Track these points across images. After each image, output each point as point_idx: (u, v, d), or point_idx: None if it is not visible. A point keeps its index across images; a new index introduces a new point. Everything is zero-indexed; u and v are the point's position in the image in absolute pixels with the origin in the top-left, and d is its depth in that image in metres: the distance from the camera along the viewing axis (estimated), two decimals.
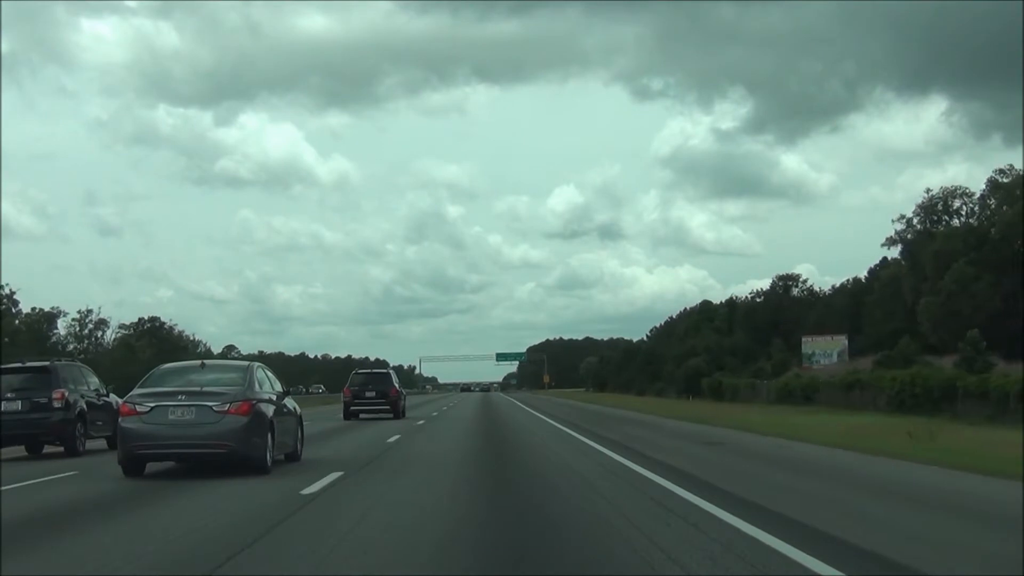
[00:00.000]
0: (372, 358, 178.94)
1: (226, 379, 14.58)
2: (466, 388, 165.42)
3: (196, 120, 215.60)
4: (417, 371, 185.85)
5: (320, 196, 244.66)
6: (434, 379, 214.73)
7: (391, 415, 35.44)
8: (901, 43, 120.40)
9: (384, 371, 41.59)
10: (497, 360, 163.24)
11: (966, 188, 59.12)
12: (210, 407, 13.65)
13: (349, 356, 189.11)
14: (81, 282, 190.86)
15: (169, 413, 13.68)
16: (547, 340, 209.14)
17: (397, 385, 37.60)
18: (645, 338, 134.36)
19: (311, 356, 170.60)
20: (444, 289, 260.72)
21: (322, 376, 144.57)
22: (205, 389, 14.02)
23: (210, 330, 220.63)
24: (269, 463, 14.01)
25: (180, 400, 13.77)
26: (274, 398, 15.08)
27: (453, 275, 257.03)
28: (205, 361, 15.71)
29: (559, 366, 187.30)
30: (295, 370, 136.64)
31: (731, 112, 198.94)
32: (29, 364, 20.28)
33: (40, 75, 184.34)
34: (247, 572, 6.81)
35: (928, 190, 60.83)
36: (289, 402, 16.10)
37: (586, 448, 18.58)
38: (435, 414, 40.34)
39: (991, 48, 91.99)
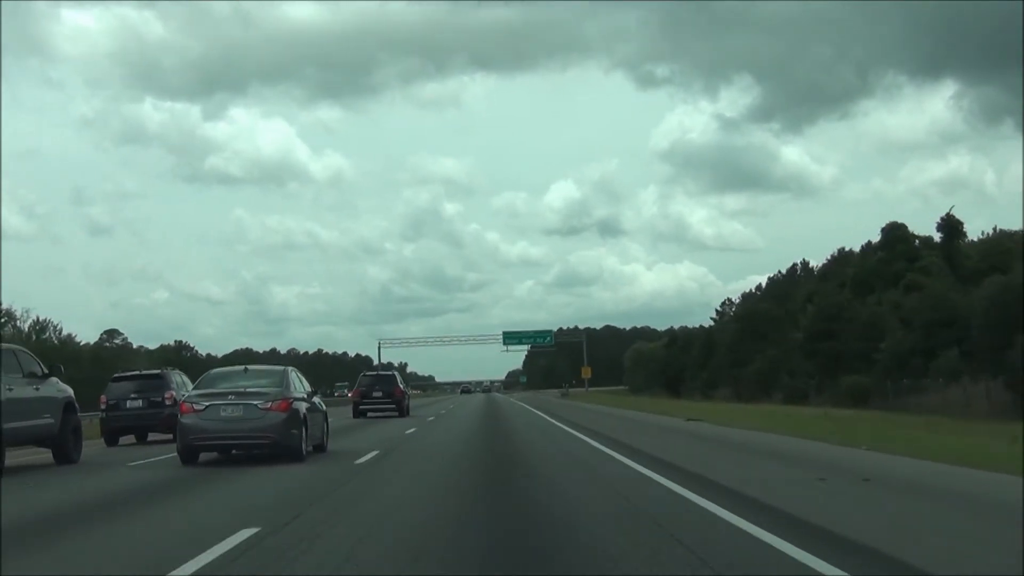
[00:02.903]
0: (353, 354, 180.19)
1: (266, 382, 17.89)
2: (466, 390, 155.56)
3: (184, 115, 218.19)
4: (408, 367, 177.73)
5: (315, 194, 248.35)
6: (431, 378, 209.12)
7: (396, 413, 38.66)
8: (914, 25, 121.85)
9: (390, 373, 45.66)
10: (504, 343, 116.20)
11: None
12: (255, 405, 16.94)
13: (320, 350, 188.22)
14: (76, 284, 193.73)
15: (221, 411, 16.97)
16: (560, 329, 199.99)
17: (402, 386, 41.26)
18: (714, 314, 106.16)
19: (281, 352, 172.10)
20: (443, 288, 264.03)
21: None
22: (249, 390, 17.32)
23: (207, 332, 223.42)
24: (304, 452, 17.18)
25: (230, 399, 17.07)
26: (305, 397, 18.33)
27: (451, 273, 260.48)
28: (248, 367, 18.93)
29: (577, 359, 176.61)
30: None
31: (737, 100, 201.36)
32: (145, 372, 27.83)
33: (21, 68, 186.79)
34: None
35: None
36: (318, 401, 19.31)
37: None
38: None
39: (1007, 30, 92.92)
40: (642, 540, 7.90)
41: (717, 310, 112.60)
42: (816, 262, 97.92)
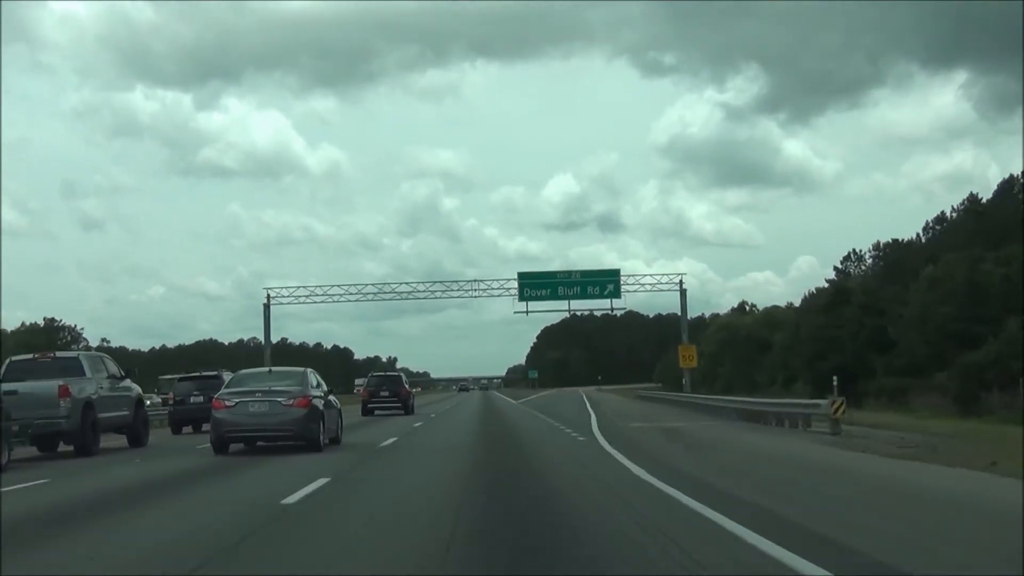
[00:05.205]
0: (330, 345, 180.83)
1: (288, 381, 21.10)
2: (464, 387, 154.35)
3: (176, 104, 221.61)
4: (398, 362, 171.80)
5: (311, 188, 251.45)
6: (425, 374, 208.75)
7: (402, 411, 41.79)
8: (926, 12, 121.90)
9: (396, 373, 49.65)
10: (522, 298, 64.85)
11: None
12: (279, 402, 20.23)
13: (284, 339, 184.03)
14: (70, 280, 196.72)
15: (249, 407, 20.26)
16: (573, 314, 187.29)
17: (407, 386, 44.52)
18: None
19: (245, 340, 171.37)
20: (440, 284, 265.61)
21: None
22: (273, 388, 20.63)
23: (205, 328, 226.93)
24: (322, 444, 20.17)
25: (257, 397, 20.39)
26: (322, 395, 21.32)
27: (450, 269, 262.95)
28: (272, 368, 21.91)
29: (595, 352, 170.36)
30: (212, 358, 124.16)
31: (744, 89, 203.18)
32: (205, 373, 34.06)
33: (8, 55, 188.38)
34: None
35: None
36: (332, 398, 22.27)
37: None
38: None
39: (1020, 17, 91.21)
40: None
41: (837, 267, 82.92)
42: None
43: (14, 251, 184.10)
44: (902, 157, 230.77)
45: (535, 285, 65.21)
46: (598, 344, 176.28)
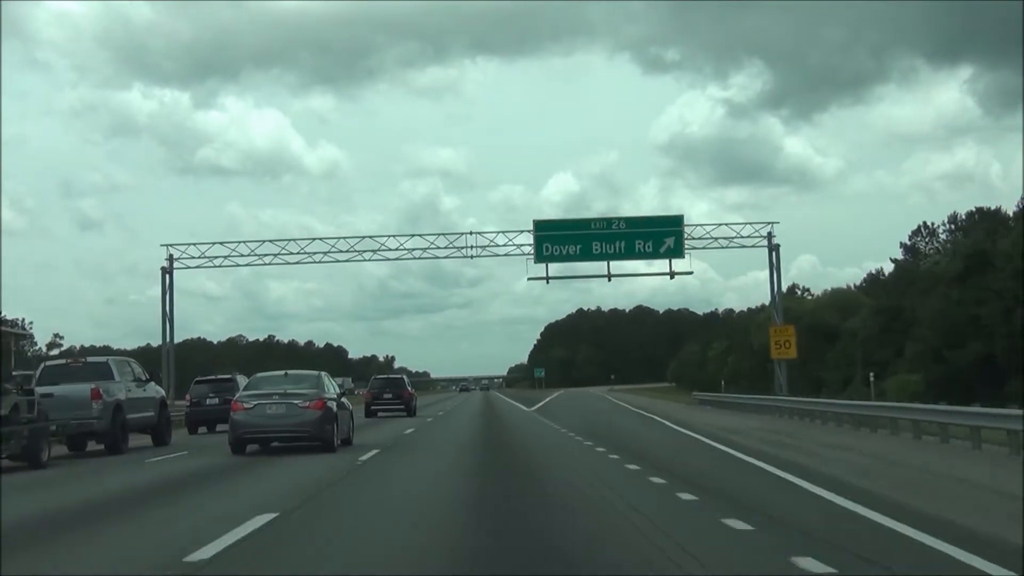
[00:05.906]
0: (323, 343, 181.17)
1: (304, 384, 22.54)
2: (465, 387, 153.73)
3: (174, 103, 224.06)
4: (396, 361, 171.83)
5: (310, 187, 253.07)
6: (425, 374, 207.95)
7: (405, 413, 43.29)
8: (931, 5, 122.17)
9: (398, 376, 51.21)
10: (539, 258, 46.67)
11: None
12: (296, 404, 21.58)
13: (271, 337, 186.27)
14: (69, 280, 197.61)
15: (267, 408, 21.74)
16: (579, 310, 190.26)
17: (410, 388, 46.06)
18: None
19: (216, 342, 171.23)
20: (441, 283, 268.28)
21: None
22: (290, 391, 22.05)
23: (206, 328, 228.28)
24: (335, 444, 21.60)
25: (274, 399, 21.78)
26: (335, 397, 22.72)
27: (449, 268, 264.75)
28: (288, 372, 23.35)
29: (602, 350, 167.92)
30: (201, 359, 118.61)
31: (748, 85, 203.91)
32: (220, 376, 36.63)
33: (3, 52, 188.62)
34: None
35: None
36: (345, 400, 23.73)
37: None
38: None
39: None
40: None
41: (904, 244, 73.62)
42: None
43: (11, 250, 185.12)
44: (904, 154, 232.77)
45: (559, 239, 47.20)
46: (606, 341, 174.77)
